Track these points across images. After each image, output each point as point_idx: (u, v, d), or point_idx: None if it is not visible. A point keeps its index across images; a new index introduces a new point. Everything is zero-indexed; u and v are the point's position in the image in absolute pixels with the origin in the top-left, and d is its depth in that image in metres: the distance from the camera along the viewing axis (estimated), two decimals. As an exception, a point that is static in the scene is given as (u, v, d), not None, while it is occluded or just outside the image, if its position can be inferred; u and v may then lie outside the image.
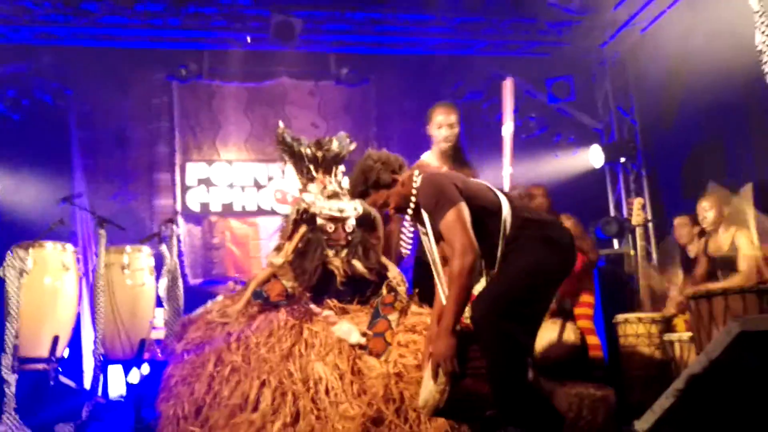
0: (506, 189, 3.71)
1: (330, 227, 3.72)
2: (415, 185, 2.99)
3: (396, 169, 3.04)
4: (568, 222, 4.39)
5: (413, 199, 2.98)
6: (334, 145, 3.91)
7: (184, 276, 5.48)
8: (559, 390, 2.87)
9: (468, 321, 2.86)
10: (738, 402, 2.29)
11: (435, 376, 2.76)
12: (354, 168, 3.11)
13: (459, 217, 2.80)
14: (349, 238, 3.75)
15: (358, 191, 3.12)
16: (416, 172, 3.03)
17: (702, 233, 4.97)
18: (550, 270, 2.88)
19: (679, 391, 1.99)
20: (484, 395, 2.76)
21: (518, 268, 2.82)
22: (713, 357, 1.99)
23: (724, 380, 2.26)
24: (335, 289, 3.68)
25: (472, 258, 2.73)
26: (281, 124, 4.02)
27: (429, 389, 2.77)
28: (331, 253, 3.70)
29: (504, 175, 4.06)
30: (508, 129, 4.28)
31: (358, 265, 3.71)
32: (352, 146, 4.03)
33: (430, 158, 4.14)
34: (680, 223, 5.19)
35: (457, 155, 4.14)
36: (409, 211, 3.01)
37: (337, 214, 3.74)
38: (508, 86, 4.48)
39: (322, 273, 3.67)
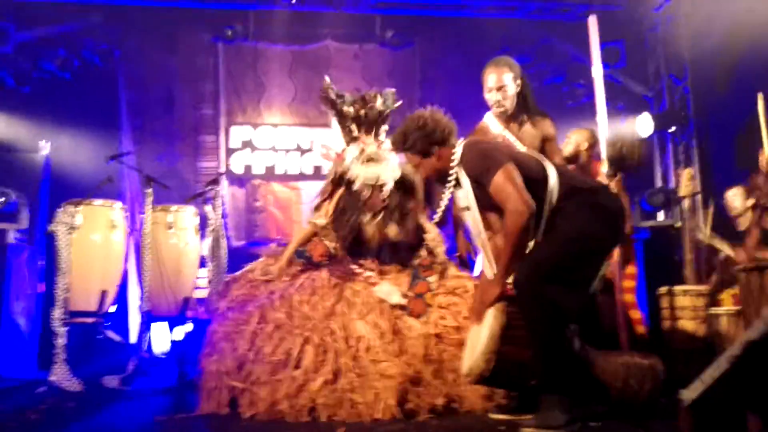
0: (601, 136, 3.51)
1: (366, 192, 3.69)
2: (454, 158, 2.95)
3: (438, 141, 2.97)
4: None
5: (450, 173, 2.94)
6: (378, 103, 3.86)
7: (227, 237, 5.54)
8: (605, 359, 2.83)
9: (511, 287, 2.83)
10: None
11: (479, 319, 2.79)
12: (403, 127, 3.05)
13: (509, 176, 2.77)
14: (386, 203, 3.72)
15: (396, 147, 3.10)
16: (458, 142, 3.00)
17: (756, 206, 4.84)
18: (599, 236, 2.84)
19: (735, 358, 1.91)
20: (529, 364, 2.75)
21: (565, 233, 2.79)
22: (772, 324, 1.90)
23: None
24: (370, 253, 3.67)
25: (527, 215, 2.71)
26: (327, 78, 3.96)
27: (474, 357, 2.77)
28: (366, 218, 3.67)
29: (599, 121, 3.76)
30: (597, 71, 3.92)
31: (391, 231, 3.68)
32: (397, 104, 3.96)
33: (491, 119, 3.89)
34: (734, 194, 5.04)
35: (527, 111, 3.83)
36: (449, 185, 2.97)
37: (373, 182, 3.69)
38: (592, 24, 4.09)
39: (357, 237, 3.65)
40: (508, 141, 3.84)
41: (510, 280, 2.81)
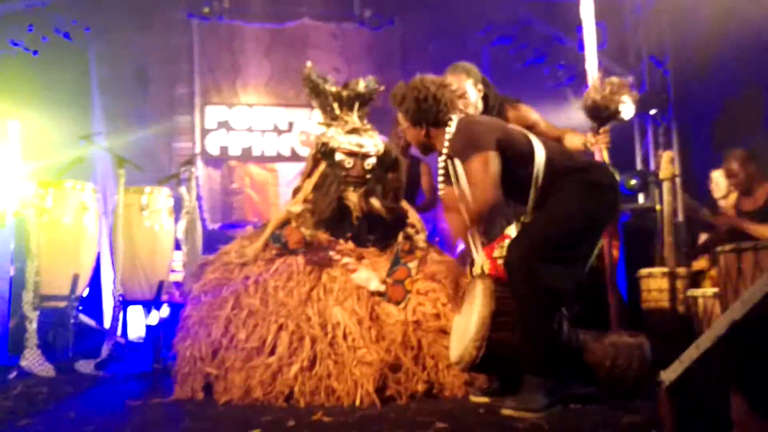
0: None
1: (348, 162, 3.62)
2: (449, 131, 2.90)
3: (430, 121, 2.93)
4: None
5: (444, 148, 2.89)
6: (360, 86, 3.81)
7: (203, 220, 5.46)
8: (593, 340, 2.81)
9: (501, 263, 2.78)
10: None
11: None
12: (405, 88, 2.97)
13: (485, 162, 2.72)
14: (368, 176, 3.65)
15: (392, 102, 3.01)
16: (453, 117, 2.93)
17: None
18: (594, 213, 2.79)
19: (718, 338, 1.89)
20: (519, 349, 2.72)
21: (558, 211, 2.75)
22: (755, 302, 1.89)
23: (764, 327, 2.16)
24: (350, 225, 3.61)
25: (489, 206, 2.71)
26: (309, 63, 3.90)
27: (464, 344, 2.73)
28: (348, 189, 3.61)
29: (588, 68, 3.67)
30: (590, 40, 3.75)
31: (375, 202, 3.62)
32: (380, 88, 3.90)
33: None
34: (719, 175, 5.06)
35: (495, 107, 3.75)
36: (442, 158, 2.91)
37: (356, 149, 3.63)
38: None
39: (337, 208, 3.58)
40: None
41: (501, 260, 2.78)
